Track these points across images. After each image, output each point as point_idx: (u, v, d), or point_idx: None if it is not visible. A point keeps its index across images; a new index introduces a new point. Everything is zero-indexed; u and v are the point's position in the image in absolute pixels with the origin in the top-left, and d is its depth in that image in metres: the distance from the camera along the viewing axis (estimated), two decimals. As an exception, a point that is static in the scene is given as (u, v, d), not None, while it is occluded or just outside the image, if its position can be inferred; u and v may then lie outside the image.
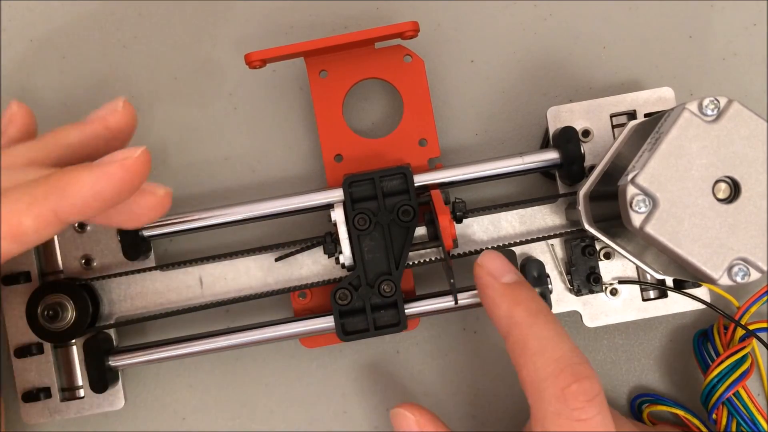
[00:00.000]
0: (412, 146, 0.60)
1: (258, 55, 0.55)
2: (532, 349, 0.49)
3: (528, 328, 0.49)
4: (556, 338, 0.49)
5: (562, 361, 0.48)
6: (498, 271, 0.52)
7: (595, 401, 0.47)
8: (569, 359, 0.48)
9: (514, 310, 0.50)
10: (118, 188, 0.44)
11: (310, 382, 0.64)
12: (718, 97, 0.45)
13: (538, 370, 0.48)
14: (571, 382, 0.47)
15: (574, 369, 0.47)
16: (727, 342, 0.58)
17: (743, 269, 0.45)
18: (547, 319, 0.50)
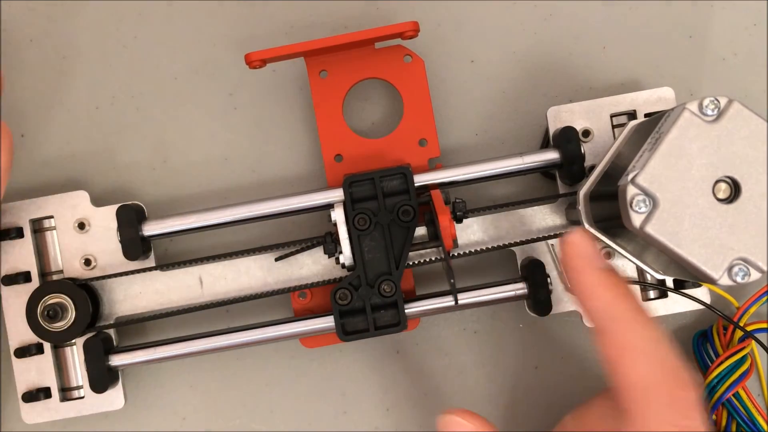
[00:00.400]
0: (412, 146, 0.60)
1: (258, 55, 0.55)
2: (637, 350, 0.46)
3: (631, 326, 0.47)
4: (661, 339, 0.47)
5: (668, 365, 0.46)
6: (594, 256, 0.49)
7: (699, 409, 0.45)
8: (674, 362, 0.46)
9: (615, 304, 0.47)
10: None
11: (310, 382, 0.64)
12: (719, 97, 0.45)
13: (643, 373, 0.46)
14: (679, 388, 0.45)
15: (680, 374, 0.46)
16: (727, 343, 0.59)
17: (743, 269, 0.45)
18: (647, 317, 0.47)
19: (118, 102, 0.65)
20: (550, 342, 0.64)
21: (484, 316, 0.64)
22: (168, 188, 0.64)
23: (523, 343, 0.64)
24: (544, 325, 0.64)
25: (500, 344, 0.64)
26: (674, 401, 0.45)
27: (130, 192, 0.64)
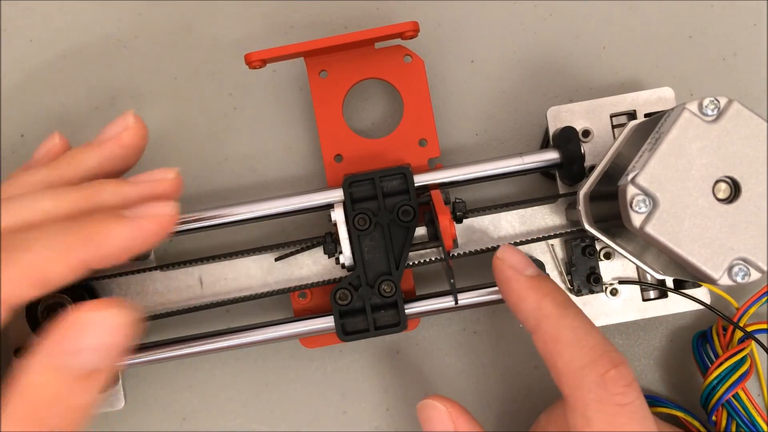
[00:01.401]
0: (412, 146, 0.60)
1: (258, 55, 0.55)
2: (566, 340, 0.48)
3: (559, 320, 0.49)
4: (589, 327, 0.49)
5: (598, 349, 0.47)
6: (520, 265, 0.52)
7: (633, 386, 0.47)
8: (604, 347, 0.48)
9: (542, 303, 0.50)
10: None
11: (310, 382, 0.64)
12: (718, 97, 0.45)
13: (574, 359, 0.48)
14: (610, 368, 0.46)
15: (611, 356, 0.47)
16: (727, 343, 0.59)
17: (743, 269, 0.45)
18: (576, 310, 0.50)
19: (118, 102, 0.65)
20: (550, 342, 0.64)
21: (484, 316, 0.64)
22: (168, 188, 0.64)
23: (523, 343, 0.64)
24: (544, 325, 0.64)
25: (500, 344, 0.64)
26: (605, 380, 0.46)
27: (130, 192, 0.64)
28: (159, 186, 0.50)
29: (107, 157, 0.51)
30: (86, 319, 0.42)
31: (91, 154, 0.51)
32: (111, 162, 0.52)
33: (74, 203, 0.47)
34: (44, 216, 0.46)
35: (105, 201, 0.48)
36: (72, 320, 0.42)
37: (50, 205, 0.46)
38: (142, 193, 0.49)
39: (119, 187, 0.49)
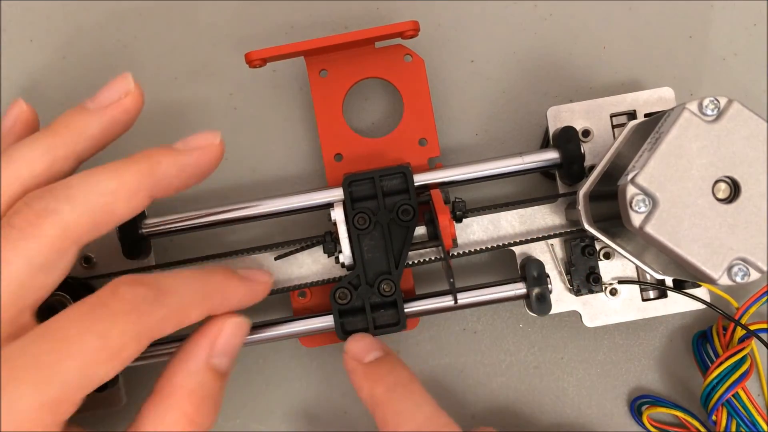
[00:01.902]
0: (412, 146, 0.60)
1: (258, 54, 0.55)
2: (391, 425, 0.49)
3: (386, 405, 0.50)
4: (414, 409, 0.49)
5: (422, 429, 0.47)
6: (360, 353, 0.53)
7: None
8: (425, 427, 0.48)
9: (374, 390, 0.51)
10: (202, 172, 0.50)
11: (310, 382, 0.64)
12: (718, 97, 0.45)
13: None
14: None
15: None
16: (727, 343, 0.58)
17: (743, 269, 0.45)
18: (405, 389, 0.50)
19: (117, 102, 0.65)
20: (550, 342, 0.64)
21: (485, 316, 0.64)
22: (168, 188, 0.64)
23: (524, 344, 0.64)
24: (544, 325, 0.64)
25: (500, 344, 0.64)
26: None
27: (130, 192, 0.64)
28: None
29: (110, 123, 0.50)
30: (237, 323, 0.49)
31: (93, 120, 0.50)
32: (113, 128, 0.50)
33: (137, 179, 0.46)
34: None
35: (164, 172, 0.48)
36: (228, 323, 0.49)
37: (115, 185, 0.46)
38: (197, 162, 0.49)
39: (175, 157, 0.49)
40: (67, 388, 0.41)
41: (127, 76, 0.51)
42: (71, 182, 0.45)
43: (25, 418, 0.40)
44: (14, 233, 0.43)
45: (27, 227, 0.43)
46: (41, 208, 0.44)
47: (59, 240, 0.44)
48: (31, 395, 0.40)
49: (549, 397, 0.64)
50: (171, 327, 0.45)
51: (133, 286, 0.44)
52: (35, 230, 0.43)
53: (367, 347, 0.53)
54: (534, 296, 0.57)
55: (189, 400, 0.46)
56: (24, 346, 0.42)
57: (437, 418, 0.48)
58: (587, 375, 0.64)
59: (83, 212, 0.44)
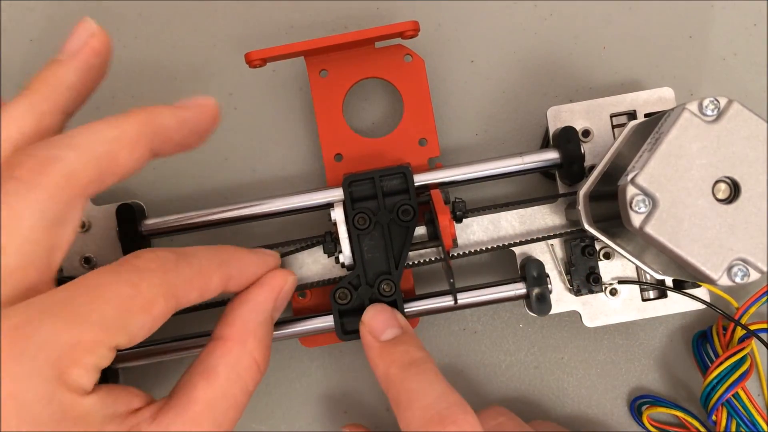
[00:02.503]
0: (412, 146, 0.60)
1: (258, 54, 0.55)
2: (404, 404, 0.48)
3: (400, 384, 0.49)
4: (426, 387, 0.48)
5: (429, 410, 0.47)
6: (377, 329, 0.53)
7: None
8: (436, 406, 0.47)
9: (389, 369, 0.50)
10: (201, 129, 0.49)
11: (310, 382, 0.64)
12: (718, 98, 0.45)
13: (410, 423, 0.47)
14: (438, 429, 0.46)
15: (441, 414, 0.46)
16: (727, 343, 0.59)
17: (742, 270, 0.45)
18: (418, 369, 0.50)
19: (118, 102, 0.65)
20: (550, 342, 0.64)
21: (485, 316, 0.64)
22: (168, 188, 0.64)
23: (524, 344, 0.64)
24: (544, 325, 0.64)
25: (500, 344, 0.64)
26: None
27: (130, 192, 0.64)
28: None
29: (85, 68, 0.49)
30: (295, 279, 0.53)
31: (68, 68, 0.49)
32: (89, 74, 0.49)
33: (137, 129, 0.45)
34: None
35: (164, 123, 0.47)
36: (290, 278, 0.52)
37: (117, 133, 0.45)
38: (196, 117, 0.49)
39: (174, 111, 0.48)
40: (103, 330, 0.41)
41: (87, 19, 0.50)
42: (72, 132, 0.44)
43: (61, 355, 0.39)
44: (21, 186, 0.41)
45: (33, 177, 0.42)
46: (45, 156, 0.42)
47: (67, 189, 0.42)
48: (68, 332, 0.39)
49: (549, 397, 0.64)
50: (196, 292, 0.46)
51: (155, 251, 0.45)
52: (42, 179, 0.42)
53: (385, 323, 0.53)
54: (534, 296, 0.57)
55: (258, 349, 0.48)
56: (56, 293, 0.41)
57: (449, 396, 0.48)
58: (587, 375, 0.64)
59: (88, 159, 0.43)
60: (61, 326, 0.39)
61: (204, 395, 0.45)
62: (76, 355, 0.39)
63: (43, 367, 0.39)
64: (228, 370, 0.46)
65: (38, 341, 0.39)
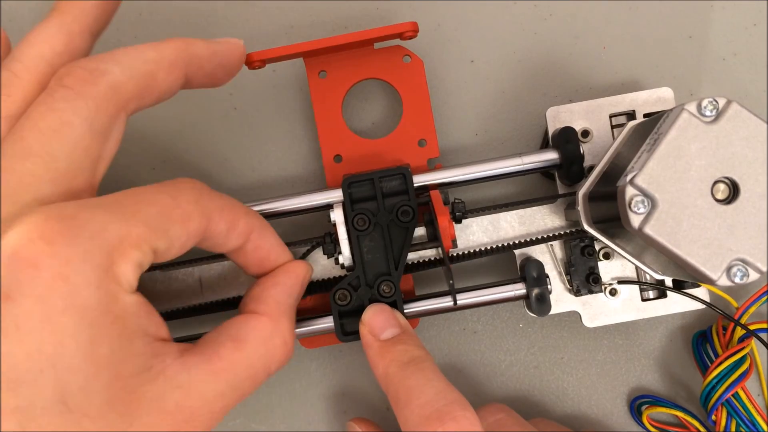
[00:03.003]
0: (411, 147, 0.60)
1: (257, 56, 0.55)
2: (403, 401, 0.48)
3: (399, 382, 0.49)
4: (425, 385, 0.48)
5: (428, 407, 0.47)
6: (377, 329, 0.53)
7: None
8: (435, 403, 0.47)
9: (388, 368, 0.50)
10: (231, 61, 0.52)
11: (310, 382, 0.64)
12: (717, 98, 0.45)
13: (407, 421, 0.48)
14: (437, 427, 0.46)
15: (440, 411, 0.47)
16: (726, 343, 0.59)
17: (742, 270, 0.45)
18: (417, 367, 0.50)
19: (118, 102, 0.65)
20: (550, 342, 0.64)
21: (485, 316, 0.64)
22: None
23: (523, 343, 0.64)
24: (544, 325, 0.64)
25: (500, 344, 0.64)
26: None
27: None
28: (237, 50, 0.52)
29: None
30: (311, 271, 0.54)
31: None
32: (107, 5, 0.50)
33: (174, 52, 0.48)
34: None
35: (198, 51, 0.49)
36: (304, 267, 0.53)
37: (156, 54, 0.47)
38: (226, 51, 0.51)
39: (206, 42, 0.50)
40: (149, 229, 0.42)
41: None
42: (115, 51, 0.46)
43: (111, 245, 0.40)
44: (70, 93, 0.43)
45: (83, 86, 0.43)
46: (93, 67, 0.44)
47: (113, 100, 0.44)
48: (118, 225, 0.41)
49: (549, 397, 0.64)
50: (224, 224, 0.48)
51: (191, 180, 0.47)
52: (91, 89, 0.43)
53: (384, 322, 0.53)
54: (534, 297, 0.57)
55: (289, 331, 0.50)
56: (103, 197, 0.43)
57: (448, 393, 0.48)
58: (587, 375, 0.64)
59: (131, 75, 0.45)
60: (112, 219, 0.41)
61: (230, 356, 0.45)
62: (123, 248, 0.41)
63: (95, 253, 0.40)
64: (257, 342, 0.47)
65: (91, 229, 0.40)
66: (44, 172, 0.42)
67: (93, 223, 0.40)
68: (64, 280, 0.38)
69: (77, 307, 0.39)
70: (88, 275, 0.39)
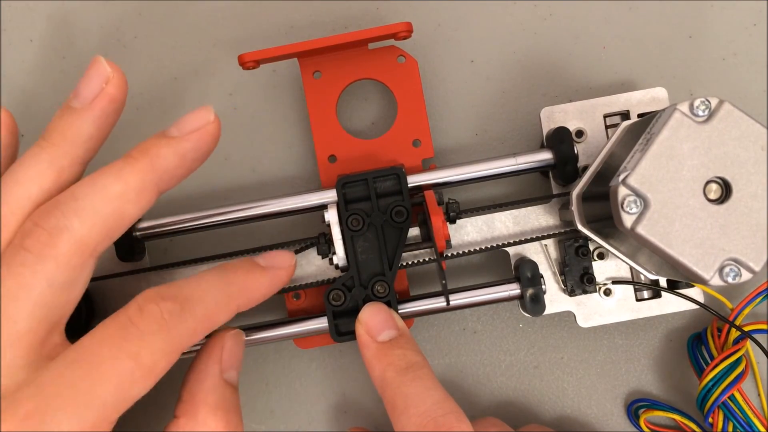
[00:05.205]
0: (405, 147, 0.60)
1: (251, 56, 0.55)
2: (399, 408, 0.49)
3: (396, 388, 0.50)
4: (423, 393, 0.49)
5: (425, 416, 0.47)
6: (376, 329, 0.53)
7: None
8: (432, 413, 0.47)
9: (385, 372, 0.51)
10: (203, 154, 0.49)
11: (310, 382, 0.64)
12: (709, 98, 0.45)
13: (403, 429, 0.48)
14: None
15: (437, 422, 0.47)
16: (721, 345, 0.58)
17: (734, 270, 0.45)
18: (415, 374, 0.50)
19: (118, 102, 0.65)
20: (549, 342, 0.64)
21: (485, 316, 0.64)
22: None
23: (523, 343, 0.64)
24: (543, 325, 0.64)
25: (500, 344, 0.64)
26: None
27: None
28: (209, 135, 0.49)
29: (102, 117, 0.48)
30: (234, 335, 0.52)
31: (85, 120, 0.48)
32: (107, 121, 0.49)
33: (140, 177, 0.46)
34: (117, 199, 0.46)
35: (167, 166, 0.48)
36: (227, 338, 0.51)
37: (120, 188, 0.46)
38: (196, 146, 0.49)
39: (173, 146, 0.48)
40: (104, 410, 0.42)
41: (100, 61, 0.49)
42: (76, 193, 0.45)
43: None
44: (30, 257, 0.43)
45: (42, 248, 0.43)
46: (52, 226, 0.44)
47: (76, 256, 0.44)
48: (70, 421, 0.41)
49: (548, 396, 0.64)
50: (201, 335, 0.47)
51: (158, 302, 0.45)
52: (50, 250, 0.43)
53: (382, 324, 0.53)
54: (528, 297, 0.56)
55: (213, 415, 0.48)
56: (60, 372, 0.43)
57: (445, 404, 0.48)
58: (587, 375, 0.64)
59: (94, 223, 0.44)
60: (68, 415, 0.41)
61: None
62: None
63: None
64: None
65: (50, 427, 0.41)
66: (4, 338, 0.43)
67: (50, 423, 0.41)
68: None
69: None
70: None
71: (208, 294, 0.47)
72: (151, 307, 0.44)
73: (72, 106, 0.48)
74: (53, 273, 0.44)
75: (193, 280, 0.48)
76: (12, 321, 0.43)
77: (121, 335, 0.43)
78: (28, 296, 0.43)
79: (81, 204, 0.44)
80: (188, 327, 0.45)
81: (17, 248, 0.44)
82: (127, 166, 0.46)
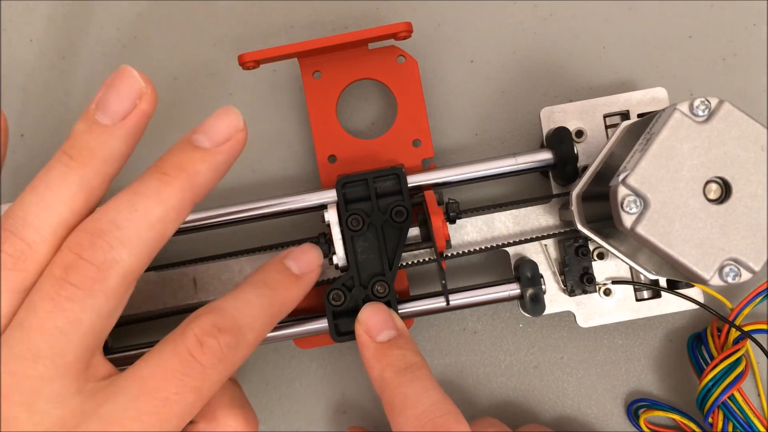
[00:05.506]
0: (405, 147, 0.60)
1: (251, 56, 0.55)
2: (398, 408, 0.49)
3: (395, 388, 0.50)
4: (421, 394, 0.49)
5: (423, 417, 0.48)
6: (375, 329, 0.53)
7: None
8: (430, 414, 0.48)
9: (384, 372, 0.51)
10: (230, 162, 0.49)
11: (310, 382, 0.64)
12: (709, 98, 0.45)
13: (401, 429, 0.48)
14: None
15: (435, 423, 0.47)
16: (721, 345, 0.58)
17: (734, 270, 0.45)
18: (414, 375, 0.50)
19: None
20: (549, 342, 0.64)
21: (485, 316, 0.64)
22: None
23: (523, 343, 0.64)
24: (543, 325, 0.64)
25: (500, 344, 0.64)
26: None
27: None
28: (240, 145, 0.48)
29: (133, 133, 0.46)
30: None
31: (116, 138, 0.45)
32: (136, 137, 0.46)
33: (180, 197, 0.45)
34: None
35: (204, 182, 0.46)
36: None
37: (162, 211, 0.44)
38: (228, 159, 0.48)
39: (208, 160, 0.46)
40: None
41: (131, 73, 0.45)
42: (118, 221, 0.43)
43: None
44: (79, 293, 0.42)
45: (92, 284, 0.42)
46: (101, 261, 0.43)
47: (123, 286, 0.44)
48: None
49: (548, 396, 0.64)
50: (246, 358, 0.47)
51: (217, 336, 0.45)
52: (101, 285, 0.43)
53: (382, 324, 0.53)
54: (528, 297, 0.56)
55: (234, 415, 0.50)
56: (124, 406, 0.43)
57: (443, 405, 0.48)
58: (587, 375, 0.64)
59: (141, 252, 0.44)
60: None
61: None
62: None
63: None
64: None
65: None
66: (54, 371, 0.43)
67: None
68: None
69: None
70: None
71: (258, 321, 0.47)
72: (211, 342, 0.44)
73: (101, 122, 0.45)
74: (102, 305, 0.43)
75: (242, 305, 0.47)
76: (62, 355, 0.42)
77: (183, 371, 0.43)
78: (77, 330, 0.43)
79: (126, 234, 0.43)
80: (242, 356, 0.46)
81: (62, 282, 0.42)
82: (166, 187, 0.44)
